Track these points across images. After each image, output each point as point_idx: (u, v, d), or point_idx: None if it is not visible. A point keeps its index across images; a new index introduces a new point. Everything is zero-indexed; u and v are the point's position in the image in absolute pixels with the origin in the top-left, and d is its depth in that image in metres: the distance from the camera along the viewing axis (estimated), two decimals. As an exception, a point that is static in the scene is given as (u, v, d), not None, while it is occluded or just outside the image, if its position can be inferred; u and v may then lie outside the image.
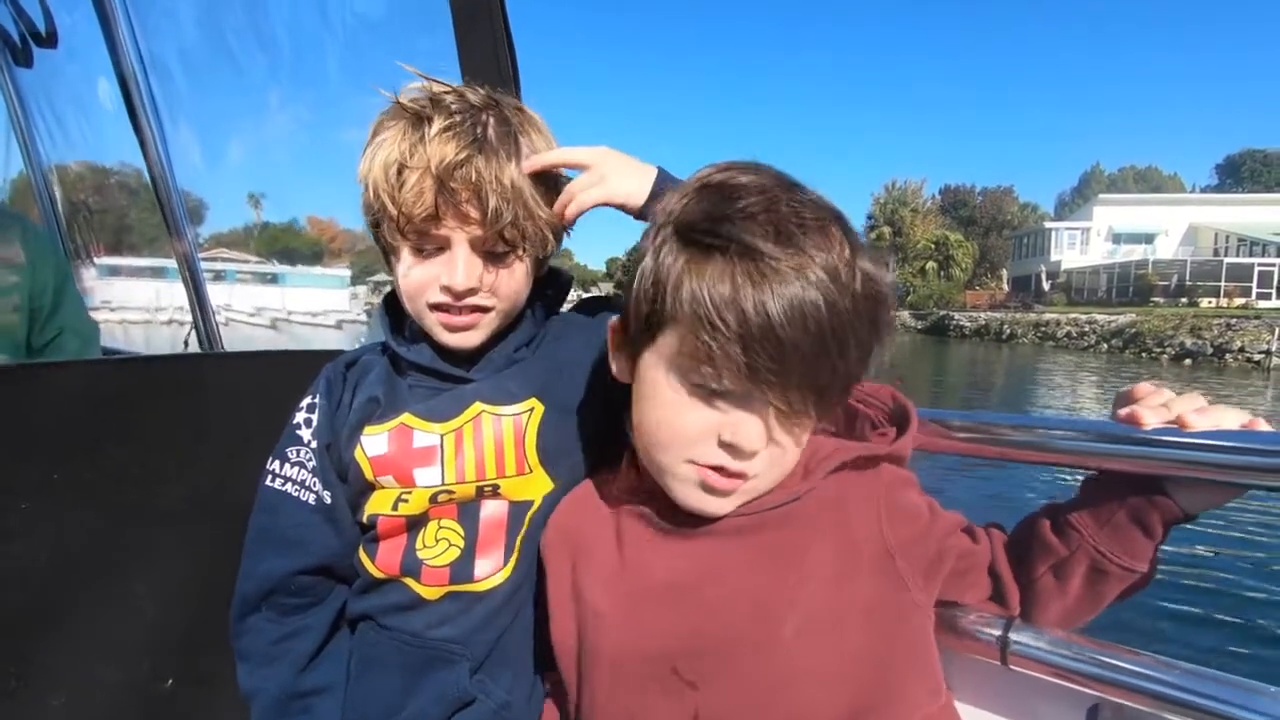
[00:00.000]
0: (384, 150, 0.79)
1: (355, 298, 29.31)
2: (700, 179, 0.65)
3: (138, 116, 2.07)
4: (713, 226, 0.59)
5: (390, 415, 0.87)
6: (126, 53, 2.07)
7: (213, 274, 7.53)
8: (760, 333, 0.57)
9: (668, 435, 0.65)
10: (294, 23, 2.22)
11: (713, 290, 0.58)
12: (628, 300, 0.67)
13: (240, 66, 2.29)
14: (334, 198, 5.65)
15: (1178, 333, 26.10)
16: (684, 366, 0.62)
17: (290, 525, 0.87)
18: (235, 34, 2.29)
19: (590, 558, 0.76)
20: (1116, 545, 0.69)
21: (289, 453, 0.88)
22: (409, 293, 0.84)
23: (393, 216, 0.79)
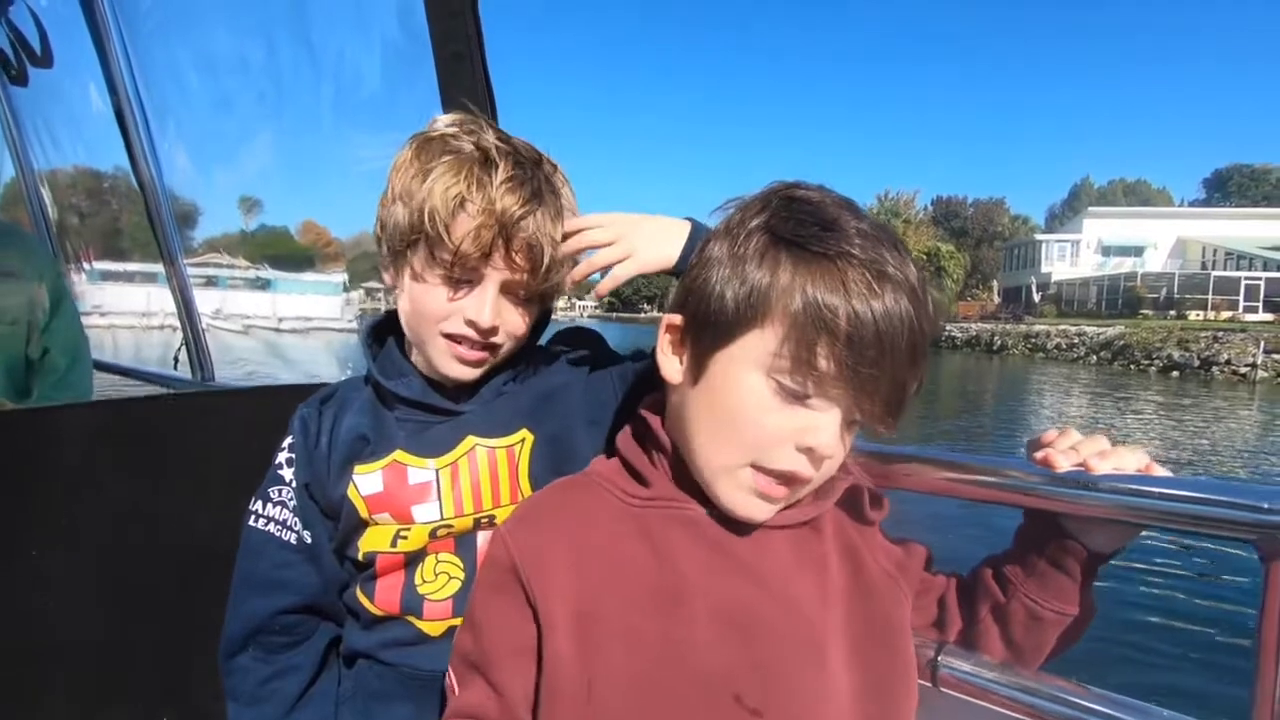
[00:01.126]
0: (445, 180, 0.79)
1: (349, 304, 29.21)
2: (777, 192, 0.67)
3: (130, 141, 2.11)
4: (819, 234, 0.61)
5: (381, 452, 0.86)
6: (119, 70, 2.11)
7: (204, 279, 7.48)
8: (867, 336, 0.59)
9: (746, 434, 0.64)
10: (283, 54, 2.25)
11: (824, 293, 0.59)
12: (701, 301, 0.65)
13: (230, 89, 2.33)
14: (329, 205, 5.66)
15: (1165, 345, 26.35)
16: (776, 367, 0.61)
17: (272, 565, 0.87)
18: (226, 61, 2.33)
19: (612, 570, 0.67)
20: (1045, 592, 0.73)
21: (271, 493, 0.89)
22: (427, 316, 0.83)
23: (442, 245, 0.79)
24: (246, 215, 4.21)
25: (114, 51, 2.11)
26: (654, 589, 0.66)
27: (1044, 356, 31.48)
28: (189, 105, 2.40)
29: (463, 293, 0.82)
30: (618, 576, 0.66)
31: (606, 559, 0.67)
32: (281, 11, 2.16)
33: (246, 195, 3.95)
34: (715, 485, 0.67)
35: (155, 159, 2.15)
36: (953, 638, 0.81)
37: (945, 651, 0.79)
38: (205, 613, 1.21)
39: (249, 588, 0.88)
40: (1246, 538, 0.61)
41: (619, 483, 0.73)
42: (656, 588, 0.66)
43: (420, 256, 0.81)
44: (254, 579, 0.88)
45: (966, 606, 0.80)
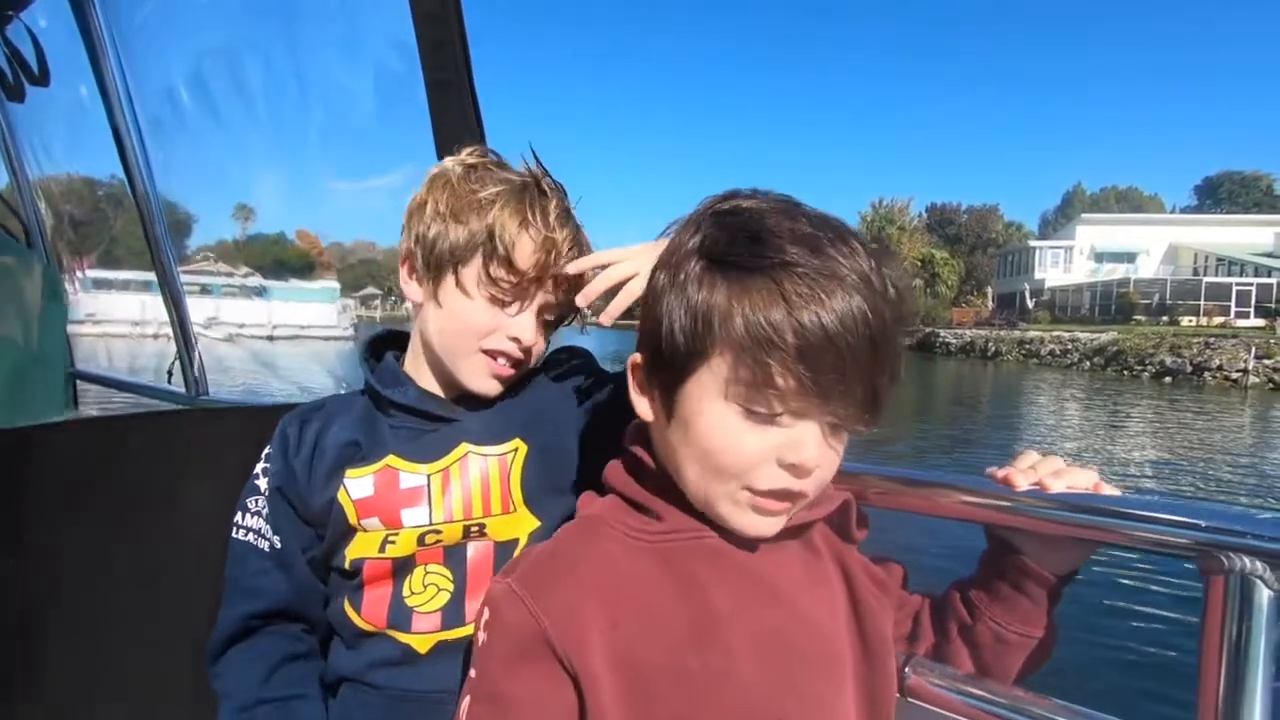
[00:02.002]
0: (512, 205, 0.85)
1: (345, 310, 29.29)
2: (708, 210, 0.66)
3: (126, 156, 2.13)
4: (749, 250, 0.59)
5: (374, 457, 0.88)
6: (114, 85, 2.14)
7: (199, 287, 7.50)
8: (819, 345, 0.57)
9: (726, 462, 0.63)
10: (279, 81, 2.29)
11: (765, 312, 0.57)
12: (654, 339, 0.65)
13: (224, 102, 2.36)
14: (323, 213, 5.69)
15: (1158, 351, 26.49)
16: (740, 393, 0.60)
17: (251, 574, 0.89)
18: (220, 75, 2.36)
19: (644, 613, 0.64)
20: (1009, 615, 0.76)
21: (249, 503, 0.91)
22: (472, 330, 0.86)
23: (504, 264, 0.84)
24: (242, 224, 4.23)
25: (109, 67, 2.13)
26: (689, 625, 0.64)
27: (1038, 363, 31.60)
28: (183, 118, 2.42)
29: (510, 311, 0.87)
30: (651, 619, 0.64)
31: (637, 603, 0.65)
32: (276, 28, 2.19)
33: (242, 204, 3.97)
34: (717, 511, 0.66)
35: (150, 175, 2.17)
36: (923, 653, 0.83)
37: (912, 663, 0.82)
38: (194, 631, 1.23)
39: (234, 595, 0.90)
40: (1187, 555, 0.65)
41: (627, 521, 0.70)
42: (691, 623, 0.64)
43: (473, 272, 0.85)
44: (240, 587, 0.90)
45: (939, 627, 0.83)
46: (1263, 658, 0.61)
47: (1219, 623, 0.63)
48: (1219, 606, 0.63)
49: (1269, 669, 0.61)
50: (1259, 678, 0.61)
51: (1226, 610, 0.62)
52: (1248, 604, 0.61)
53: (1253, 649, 0.61)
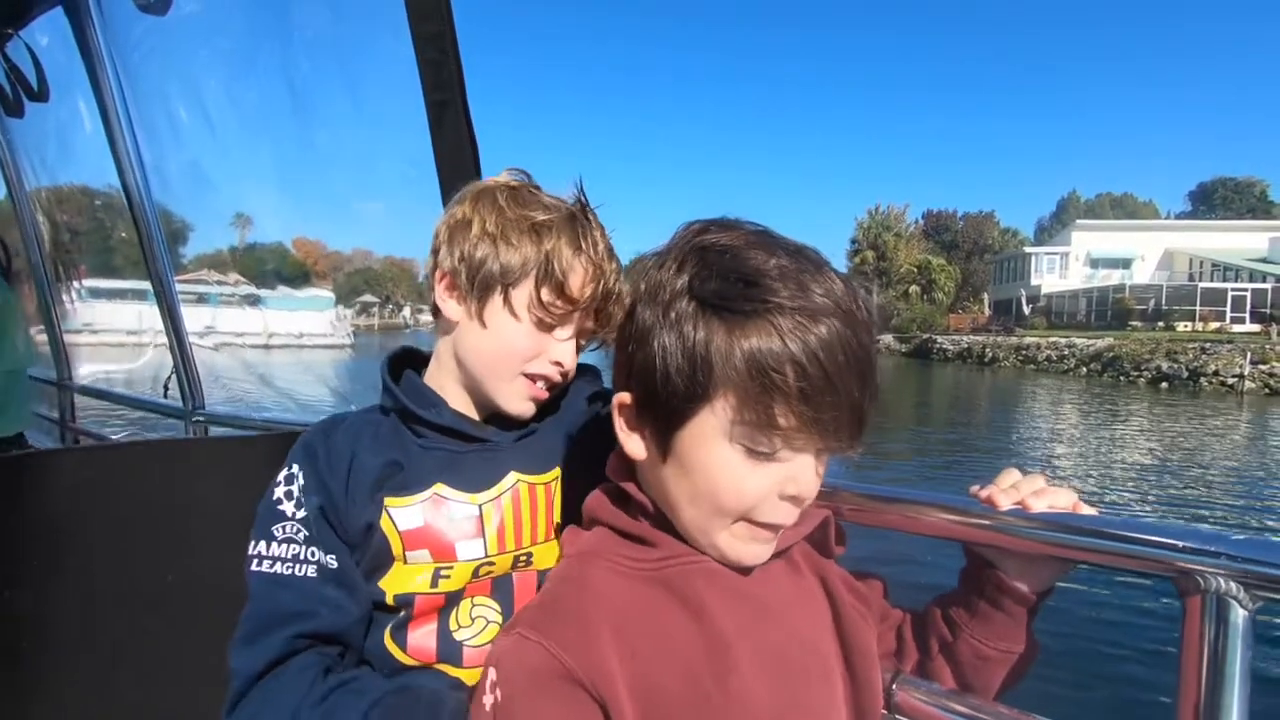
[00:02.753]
0: (568, 232, 0.84)
1: (341, 319, 29.26)
2: (688, 245, 0.65)
3: (123, 170, 2.15)
4: (744, 293, 0.60)
5: (418, 484, 0.84)
6: (112, 101, 2.15)
7: (196, 296, 7.50)
8: (820, 384, 0.58)
9: (728, 501, 0.64)
10: (276, 94, 2.31)
11: (765, 356, 0.58)
12: (647, 378, 0.64)
13: (220, 115, 2.37)
14: (319, 221, 5.70)
15: (1154, 356, 26.59)
16: (743, 434, 0.61)
17: (293, 602, 0.79)
18: (218, 89, 2.38)
19: (659, 641, 0.65)
20: (988, 632, 0.78)
21: (275, 530, 0.82)
22: (516, 353, 0.85)
23: (558, 289, 0.83)
24: (240, 232, 4.24)
25: (107, 82, 2.15)
26: (702, 650, 0.65)
27: (1035, 369, 31.69)
28: (181, 131, 2.44)
29: (556, 336, 0.86)
30: (666, 646, 0.65)
31: (651, 632, 0.65)
32: (273, 43, 2.21)
33: (239, 213, 3.98)
34: (715, 545, 0.67)
35: (147, 189, 2.18)
36: (909, 669, 0.85)
37: (899, 680, 0.83)
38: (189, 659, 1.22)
39: (267, 627, 0.78)
40: (1165, 574, 0.66)
41: (622, 552, 0.70)
42: (704, 648, 0.65)
43: (524, 295, 0.84)
44: (273, 620, 0.78)
45: (920, 643, 0.84)
46: (1239, 677, 0.62)
47: (1196, 642, 0.64)
48: (1196, 626, 0.64)
49: (1245, 688, 0.62)
50: (1235, 696, 0.62)
51: (1203, 630, 0.64)
52: (1223, 624, 0.63)
53: (1229, 668, 0.62)
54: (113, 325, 5.14)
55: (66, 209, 3.82)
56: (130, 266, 3.61)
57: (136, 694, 1.32)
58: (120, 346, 4.68)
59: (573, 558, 0.73)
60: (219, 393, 2.62)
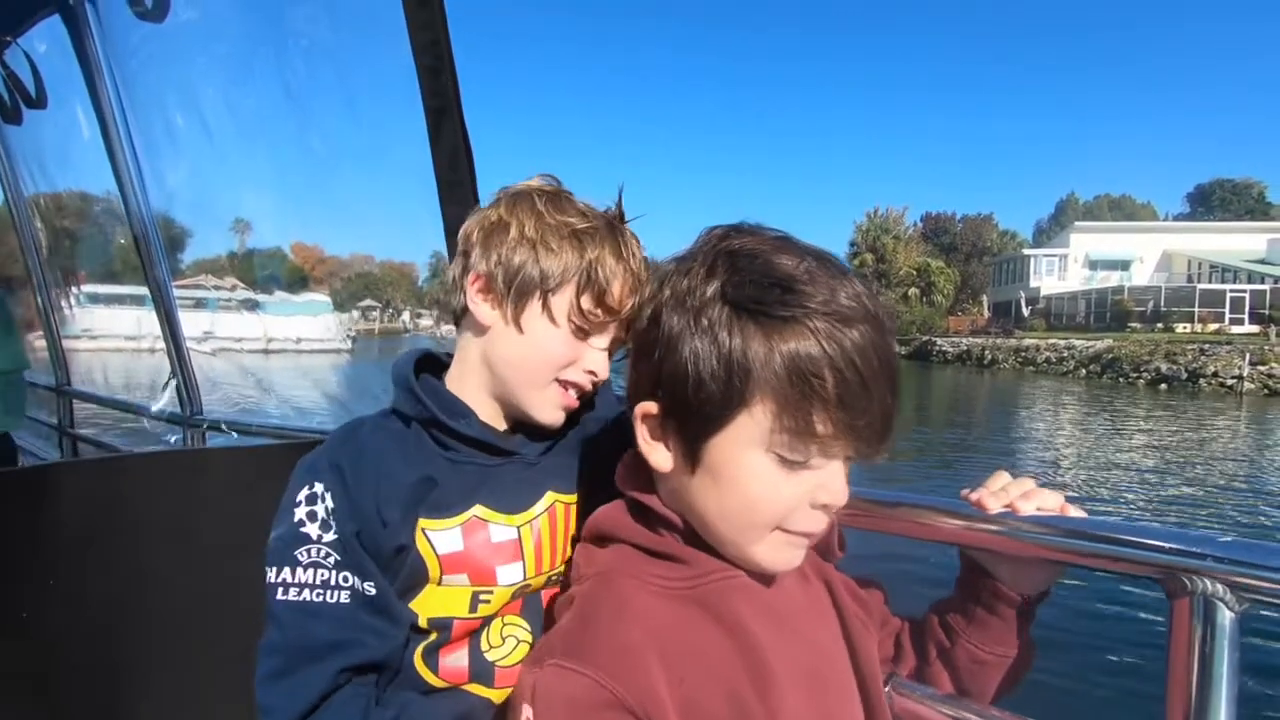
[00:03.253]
0: (611, 242, 0.83)
1: (339, 323, 29.27)
2: (715, 250, 0.64)
3: (121, 178, 2.16)
4: (781, 299, 0.59)
5: (457, 505, 0.81)
6: (110, 107, 2.16)
7: (195, 301, 7.50)
8: (856, 389, 0.58)
9: (764, 511, 0.63)
10: (274, 101, 2.32)
11: (805, 361, 0.57)
12: (677, 386, 0.62)
13: (218, 121, 2.38)
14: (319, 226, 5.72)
15: (1153, 358, 26.61)
16: (780, 442, 0.60)
17: (328, 632, 0.74)
18: (217, 105, 2.39)
19: (702, 663, 0.63)
20: (985, 637, 0.79)
21: (299, 555, 0.76)
22: (552, 360, 0.83)
23: (600, 297, 0.82)
24: (240, 237, 4.24)
25: (105, 89, 2.16)
26: (744, 670, 0.64)
27: (1034, 370, 31.72)
28: (179, 136, 2.45)
29: (592, 344, 0.84)
30: (709, 667, 0.63)
31: (693, 654, 0.63)
32: (269, 49, 2.23)
33: (239, 218, 3.98)
34: (750, 556, 0.66)
35: (145, 195, 2.19)
36: (906, 674, 0.85)
37: (894, 682, 0.84)
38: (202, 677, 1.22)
39: (299, 660, 0.74)
40: (1153, 576, 0.66)
41: (652, 570, 0.67)
42: (745, 668, 0.64)
43: (564, 302, 0.82)
44: (307, 654, 0.74)
45: (918, 649, 0.85)
46: (1226, 678, 0.63)
47: (1184, 643, 0.64)
48: (1184, 628, 0.64)
49: (1233, 689, 0.63)
50: (1223, 697, 0.62)
51: (1191, 631, 0.64)
52: (1210, 625, 0.63)
53: (1216, 669, 0.63)
54: (112, 330, 5.14)
55: (65, 215, 3.83)
56: (130, 272, 3.62)
57: (143, 713, 1.31)
58: (119, 352, 4.68)
59: (596, 578, 0.68)
60: (218, 398, 2.63)
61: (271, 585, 0.76)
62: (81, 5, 2.03)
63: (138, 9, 1.89)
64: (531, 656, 0.66)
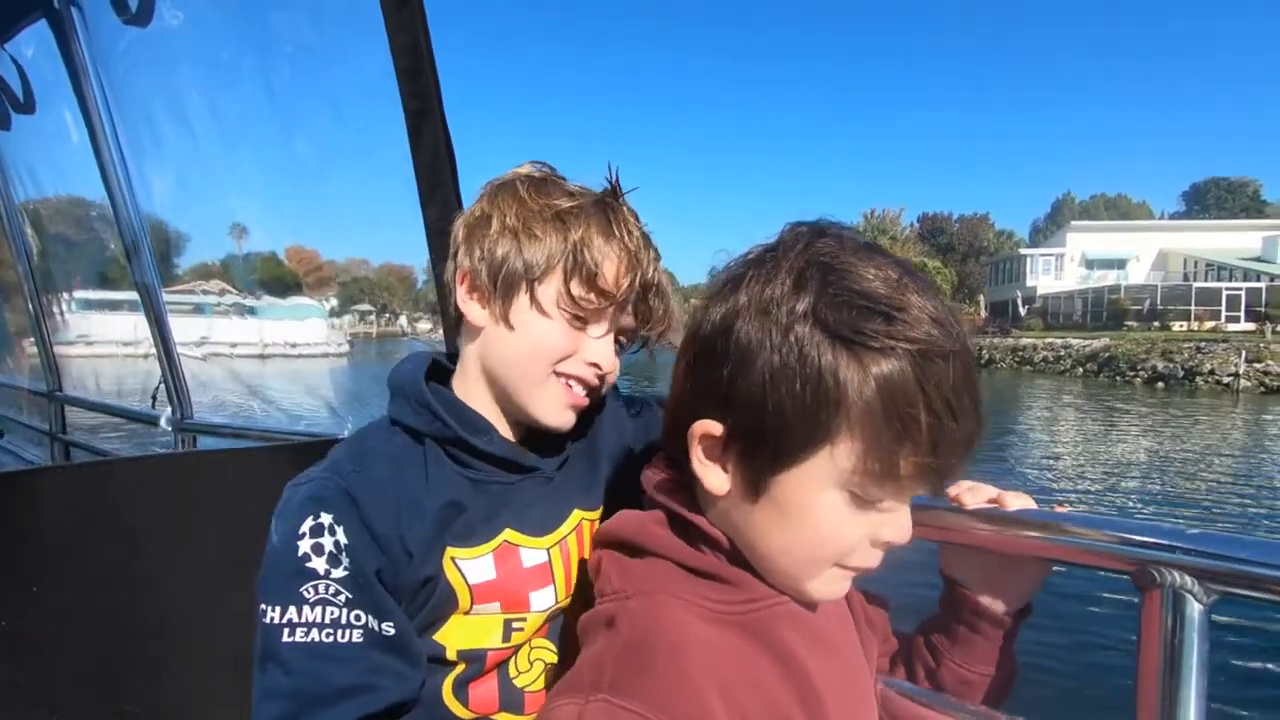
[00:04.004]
0: (598, 220, 0.77)
1: (336, 328, 29.20)
2: (806, 260, 0.56)
3: (109, 182, 2.16)
4: (881, 326, 0.52)
5: (486, 531, 0.77)
6: (96, 111, 2.16)
7: (190, 307, 7.49)
8: (951, 435, 0.54)
9: (828, 549, 0.60)
10: (260, 105, 2.33)
11: (903, 401, 0.52)
12: (751, 410, 0.56)
13: (205, 123, 2.38)
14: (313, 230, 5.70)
15: (1150, 356, 26.66)
16: (858, 483, 0.55)
17: (344, 676, 0.68)
18: (204, 110, 2.39)
19: (757, 695, 0.59)
20: (968, 657, 0.79)
21: (304, 593, 0.68)
22: (548, 353, 0.77)
23: (589, 281, 0.76)
24: (236, 242, 4.24)
25: (92, 94, 2.16)
26: (796, 699, 0.61)
27: (1031, 370, 31.77)
28: (168, 142, 2.45)
29: (591, 333, 0.78)
30: (769, 702, 0.59)
31: (753, 688, 0.59)
32: (254, 53, 2.23)
33: (235, 223, 3.98)
34: (803, 590, 0.63)
35: (134, 200, 2.19)
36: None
37: (878, 680, 0.84)
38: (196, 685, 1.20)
39: (309, 707, 0.67)
40: (1124, 570, 0.66)
41: (701, 592, 0.62)
42: (798, 697, 0.61)
43: (552, 290, 0.76)
44: (322, 697, 0.67)
45: (908, 669, 0.85)
46: (1196, 670, 0.63)
47: (1154, 636, 0.64)
48: (1153, 621, 0.64)
49: (1202, 681, 0.63)
50: (1192, 690, 0.63)
51: (1161, 624, 0.64)
52: (1180, 618, 0.63)
53: (1186, 662, 0.63)
54: (105, 337, 5.14)
55: (58, 221, 3.82)
56: (124, 278, 3.62)
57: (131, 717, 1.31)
58: (111, 358, 4.67)
59: (640, 597, 0.62)
60: (209, 401, 2.63)
61: (273, 626, 0.68)
62: (67, 10, 2.03)
63: (123, 15, 1.89)
64: (569, 683, 0.57)
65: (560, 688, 0.58)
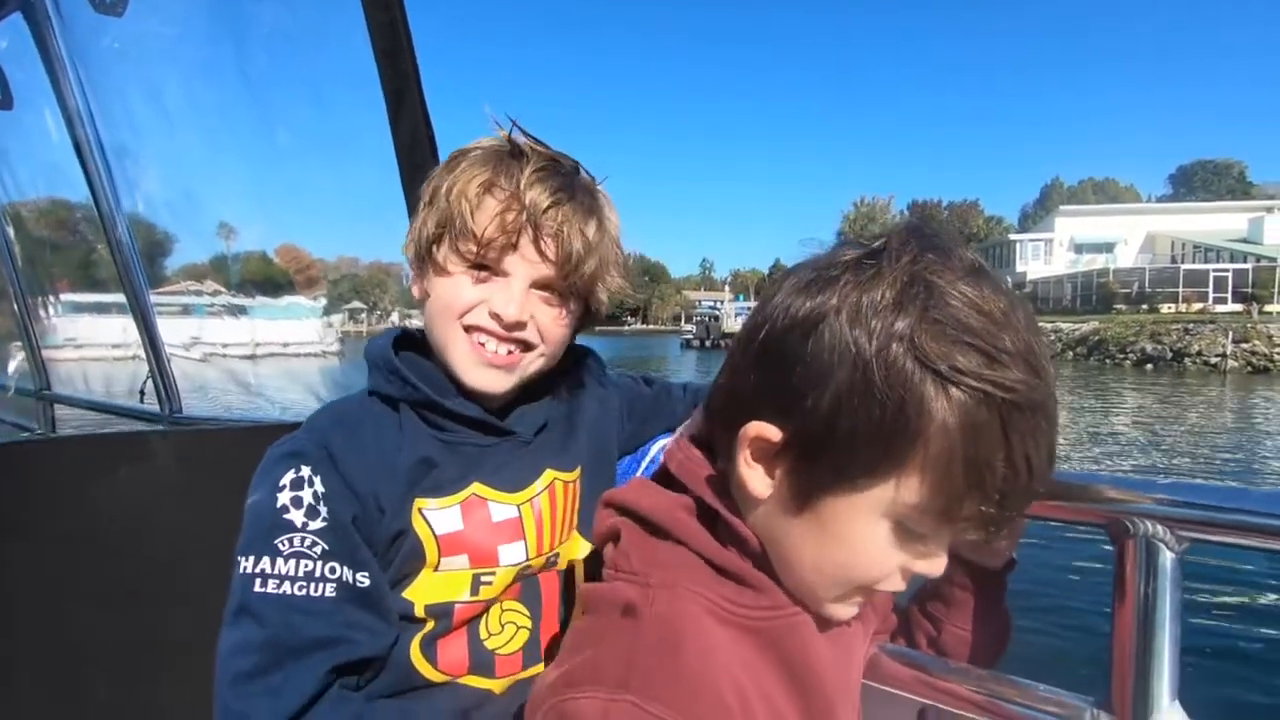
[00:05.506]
0: (472, 170, 0.77)
1: (329, 326, 28.97)
2: (908, 274, 0.51)
3: (90, 175, 2.13)
4: (979, 370, 0.49)
5: (455, 484, 0.78)
6: (75, 105, 2.14)
7: (180, 308, 7.45)
8: (1023, 490, 0.51)
9: (862, 575, 0.57)
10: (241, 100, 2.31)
11: (986, 452, 0.49)
12: (816, 423, 0.52)
13: (185, 118, 2.36)
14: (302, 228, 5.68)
15: (1139, 339, 26.88)
16: (909, 517, 0.53)
17: (317, 628, 0.68)
18: (182, 92, 2.37)
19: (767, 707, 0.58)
20: (965, 616, 0.81)
21: (279, 544, 0.69)
22: (449, 307, 0.78)
23: (467, 231, 0.75)
24: (225, 242, 4.21)
25: (71, 90, 2.13)
26: (805, 712, 0.60)
27: (1022, 354, 31.87)
28: (147, 136, 2.43)
29: (490, 285, 0.78)
30: (770, 713, 0.57)
31: (759, 699, 0.57)
32: (232, 45, 2.20)
33: (223, 222, 3.96)
34: (822, 609, 0.61)
35: (115, 196, 2.17)
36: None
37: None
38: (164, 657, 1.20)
39: (282, 659, 0.67)
40: (1097, 522, 0.68)
41: (720, 591, 0.59)
42: (806, 710, 0.60)
43: (444, 249, 0.77)
44: (294, 648, 0.68)
45: (909, 640, 0.86)
46: (1169, 618, 0.64)
47: (1129, 587, 0.66)
48: (1127, 571, 0.66)
49: (1175, 628, 0.64)
50: (1166, 637, 0.64)
51: (1136, 574, 0.65)
52: (1153, 567, 0.65)
53: (1159, 610, 0.64)
54: (95, 339, 5.10)
55: (44, 223, 3.79)
56: (111, 279, 3.59)
57: (108, 693, 1.31)
58: (100, 361, 4.64)
59: (664, 592, 0.58)
60: (202, 399, 2.61)
61: (246, 576, 0.68)
62: (42, 1, 2.00)
63: (97, 5, 1.87)
64: (589, 673, 0.54)
65: (574, 675, 0.54)
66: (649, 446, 0.93)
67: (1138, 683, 0.65)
